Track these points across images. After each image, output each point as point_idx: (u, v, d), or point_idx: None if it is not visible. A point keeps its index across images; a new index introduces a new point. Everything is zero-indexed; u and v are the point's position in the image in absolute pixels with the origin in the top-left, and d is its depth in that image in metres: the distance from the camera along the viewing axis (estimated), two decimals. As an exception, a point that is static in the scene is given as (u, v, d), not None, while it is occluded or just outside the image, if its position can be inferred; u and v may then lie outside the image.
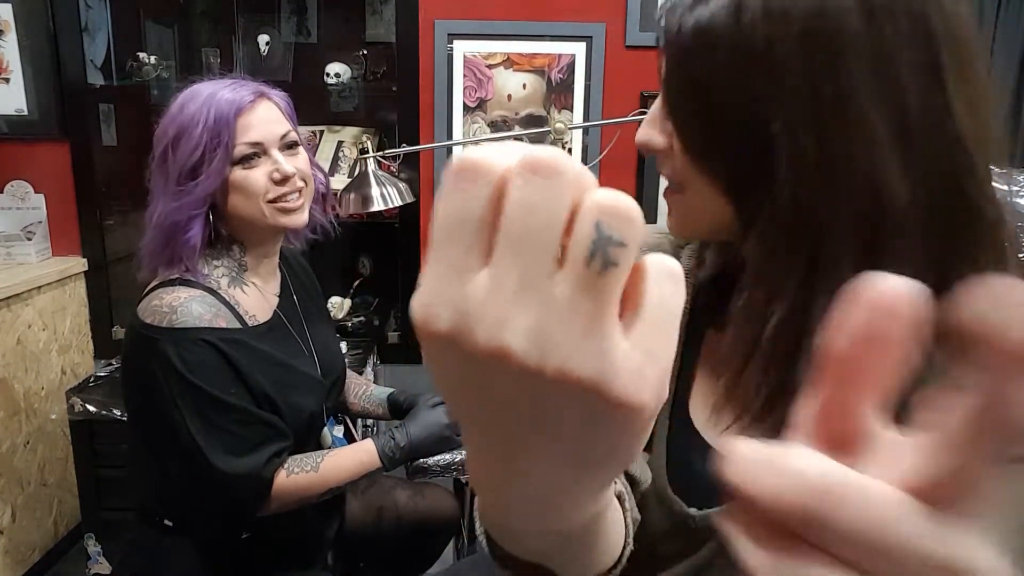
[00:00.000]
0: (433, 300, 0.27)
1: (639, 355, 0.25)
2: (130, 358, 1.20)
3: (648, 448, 0.76)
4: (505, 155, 0.26)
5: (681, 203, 0.63)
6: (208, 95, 1.18)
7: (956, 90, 0.52)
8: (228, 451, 1.14)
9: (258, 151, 1.20)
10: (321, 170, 1.38)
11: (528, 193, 0.25)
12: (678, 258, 0.74)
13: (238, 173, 1.19)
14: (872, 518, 0.22)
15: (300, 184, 1.25)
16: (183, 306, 1.13)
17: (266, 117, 1.22)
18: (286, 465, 1.21)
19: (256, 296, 1.27)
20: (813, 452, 0.23)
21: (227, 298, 1.20)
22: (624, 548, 0.55)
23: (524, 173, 0.25)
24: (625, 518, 0.57)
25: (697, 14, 0.55)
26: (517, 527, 0.37)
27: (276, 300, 1.32)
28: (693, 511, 0.70)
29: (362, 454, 1.25)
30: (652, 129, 0.62)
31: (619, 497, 0.58)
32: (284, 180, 1.22)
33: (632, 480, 0.70)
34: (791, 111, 0.53)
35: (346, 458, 1.25)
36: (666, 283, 0.26)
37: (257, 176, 1.20)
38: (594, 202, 0.24)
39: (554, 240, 0.25)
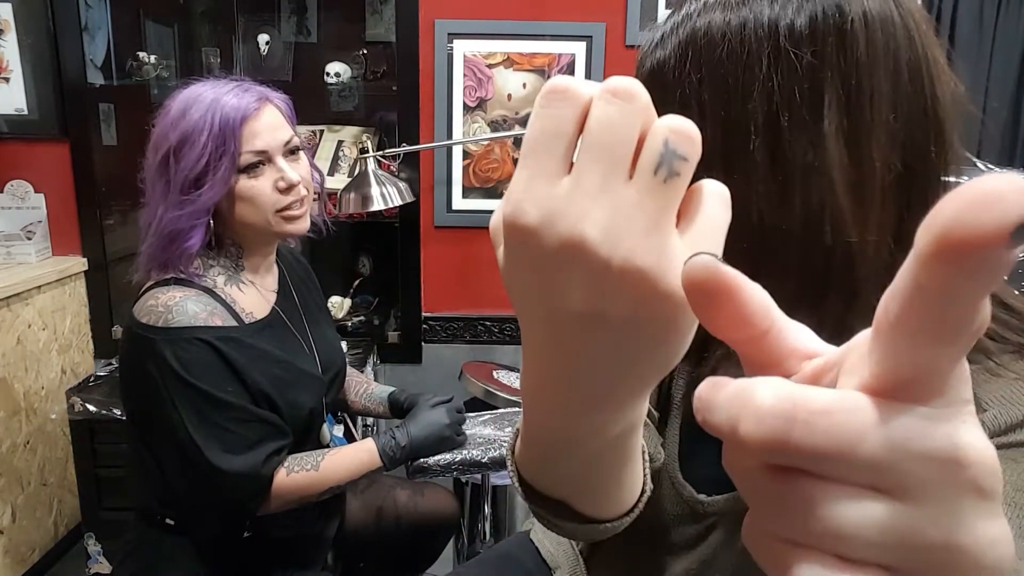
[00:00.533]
0: (523, 198, 0.30)
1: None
2: (127, 358, 1.20)
3: (661, 432, 0.78)
4: (589, 83, 0.31)
5: None
6: (212, 100, 1.16)
7: (834, 124, 0.54)
8: (226, 449, 1.13)
9: (263, 159, 1.20)
10: (318, 170, 1.38)
11: (608, 111, 0.29)
12: None
13: (244, 182, 1.18)
14: (846, 433, 0.22)
15: (303, 192, 1.25)
16: (178, 305, 1.13)
17: (270, 123, 1.21)
18: (286, 464, 1.20)
19: (253, 293, 1.27)
20: (776, 380, 0.24)
21: (223, 296, 1.20)
22: (641, 496, 0.59)
23: (605, 95, 0.30)
24: (644, 469, 0.61)
25: (653, 57, 0.62)
26: (568, 431, 0.40)
27: (274, 297, 1.32)
28: (703, 497, 0.73)
29: (363, 453, 1.25)
30: None
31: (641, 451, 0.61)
32: (289, 188, 1.22)
33: (647, 456, 0.72)
34: (704, 151, 0.57)
35: (347, 457, 1.25)
36: (716, 201, 0.31)
37: (263, 186, 1.20)
38: (664, 122, 0.29)
39: (628, 151, 0.29)
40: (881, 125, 0.55)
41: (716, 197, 0.32)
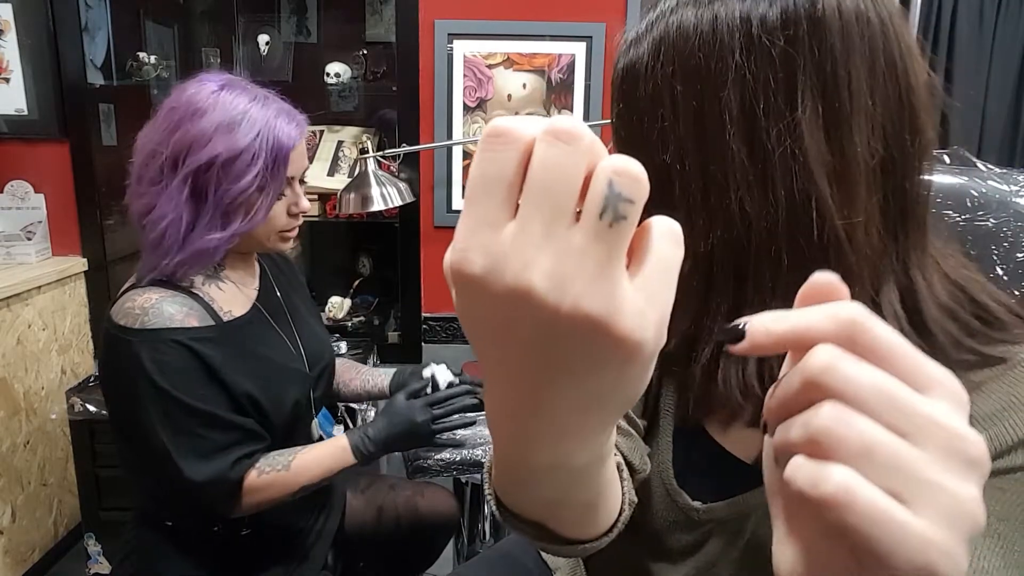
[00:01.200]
0: (467, 247, 0.30)
1: (642, 299, 0.30)
2: (105, 361, 1.20)
3: (649, 442, 0.77)
4: (531, 124, 0.30)
5: None
6: (264, 123, 1.15)
7: (810, 112, 0.54)
8: (196, 455, 1.12)
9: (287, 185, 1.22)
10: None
11: (550, 154, 0.29)
12: None
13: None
14: (899, 343, 0.31)
15: (302, 219, 1.28)
16: (154, 307, 1.12)
17: (302, 151, 1.23)
18: (257, 465, 1.19)
19: (233, 291, 1.26)
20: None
21: (201, 295, 1.19)
22: (619, 515, 0.59)
23: (547, 138, 0.29)
24: (623, 487, 0.61)
25: (627, 56, 0.62)
26: (531, 463, 0.40)
27: (255, 294, 1.31)
28: (698, 504, 0.72)
29: (335, 449, 1.24)
30: None
31: (618, 468, 0.62)
32: (298, 215, 1.26)
33: (632, 468, 0.72)
34: (679, 144, 0.58)
35: (319, 454, 1.23)
36: (667, 241, 0.31)
37: (280, 210, 1.22)
38: (607, 164, 0.29)
39: (572, 195, 0.29)
40: (860, 111, 0.55)
41: (667, 235, 0.31)
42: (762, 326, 0.33)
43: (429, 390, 1.42)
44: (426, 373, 1.49)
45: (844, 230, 0.55)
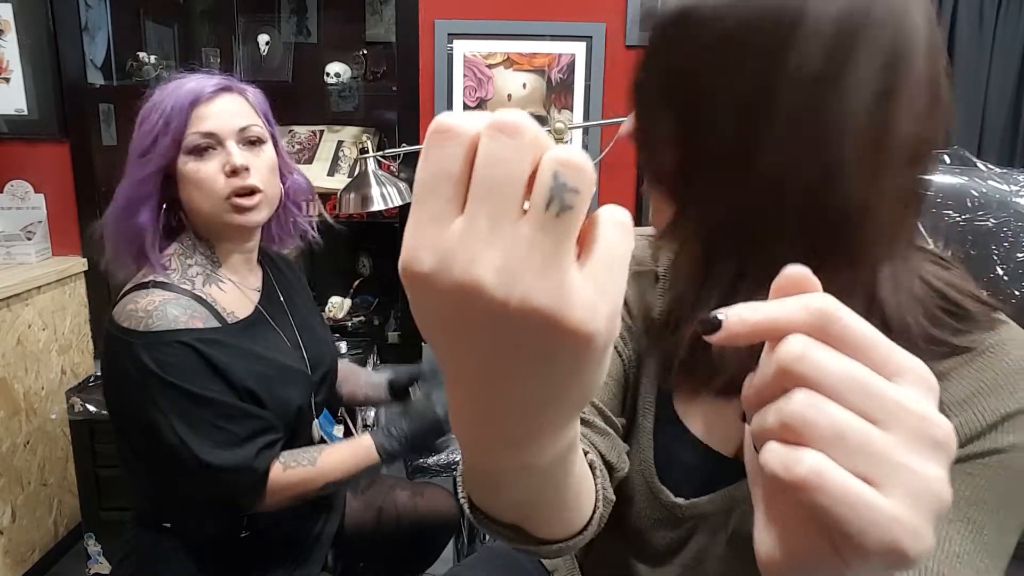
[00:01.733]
0: (416, 245, 0.30)
1: (591, 291, 0.30)
2: (108, 363, 1.19)
3: (628, 440, 0.77)
4: (475, 119, 0.30)
5: (654, 197, 0.66)
6: (174, 85, 1.20)
7: (872, 83, 0.55)
8: (216, 446, 1.12)
9: (211, 143, 1.19)
10: (301, 174, 1.37)
11: (495, 149, 0.29)
12: (656, 257, 0.78)
13: (191, 164, 1.18)
14: (869, 332, 0.33)
15: (253, 182, 1.20)
16: (158, 310, 1.12)
17: (226, 109, 1.21)
18: (282, 459, 1.19)
19: (234, 292, 1.26)
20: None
21: (204, 297, 1.19)
22: (594, 513, 0.59)
23: (491, 132, 0.29)
24: (596, 486, 0.61)
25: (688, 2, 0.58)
26: (496, 465, 0.41)
27: (257, 296, 1.31)
28: (680, 500, 0.73)
29: (360, 449, 1.24)
30: None
31: (591, 466, 0.62)
32: (234, 173, 1.19)
33: (610, 467, 0.72)
34: (727, 96, 0.57)
35: (344, 453, 1.24)
36: (615, 230, 0.31)
37: (209, 169, 1.19)
38: (552, 156, 0.29)
39: (518, 189, 0.29)
40: (916, 86, 0.56)
41: (615, 225, 0.31)
42: (737, 316, 0.34)
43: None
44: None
45: (874, 200, 0.56)
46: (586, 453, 0.64)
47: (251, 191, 1.20)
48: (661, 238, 0.70)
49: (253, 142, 1.23)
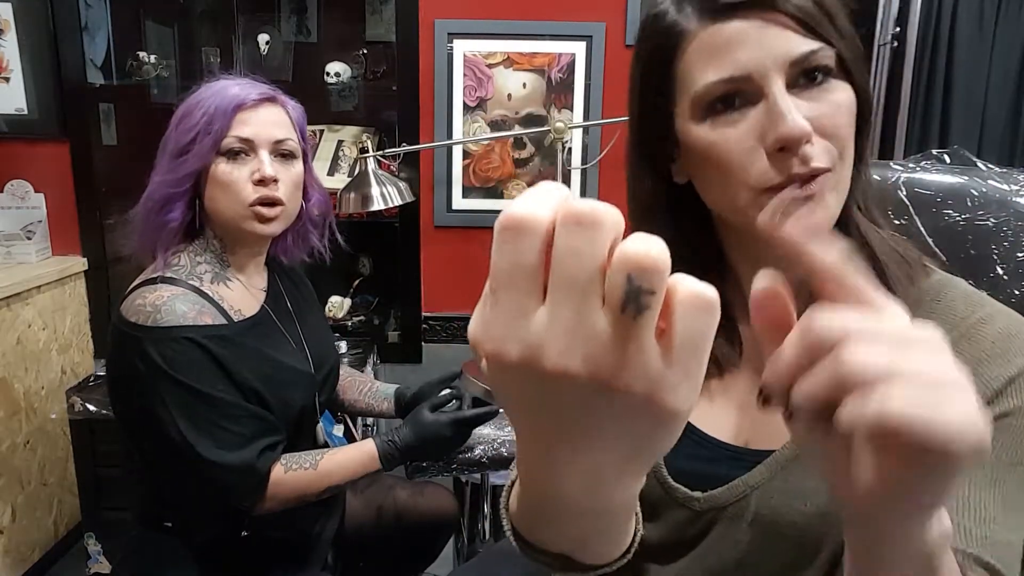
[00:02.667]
0: (502, 336, 0.31)
1: (680, 374, 0.31)
2: (114, 358, 1.19)
3: None
4: (545, 205, 0.31)
5: (832, 182, 0.64)
6: (221, 86, 1.21)
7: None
8: (219, 446, 1.13)
9: (247, 148, 1.19)
10: (324, 194, 1.39)
11: (573, 242, 0.30)
12: None
13: (223, 166, 1.19)
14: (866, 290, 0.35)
15: (278, 195, 1.21)
16: (166, 305, 1.13)
17: (267, 119, 1.22)
18: (283, 461, 1.20)
19: (241, 291, 1.26)
20: None
21: (211, 294, 1.19)
22: (635, 534, 0.61)
23: (568, 224, 0.30)
24: (637, 509, 0.63)
25: None
26: (565, 508, 0.42)
27: (263, 296, 1.31)
28: (697, 494, 0.73)
29: (363, 455, 1.25)
30: (800, 118, 0.62)
31: None
32: (262, 182, 1.20)
33: None
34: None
35: (346, 457, 1.24)
36: (695, 313, 0.31)
37: (240, 175, 1.19)
38: (624, 256, 0.29)
39: (597, 280, 0.30)
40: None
41: (697, 308, 0.31)
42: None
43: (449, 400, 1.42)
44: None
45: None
46: None
47: (274, 202, 1.22)
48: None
49: (285, 155, 1.25)
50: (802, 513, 0.68)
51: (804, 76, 0.63)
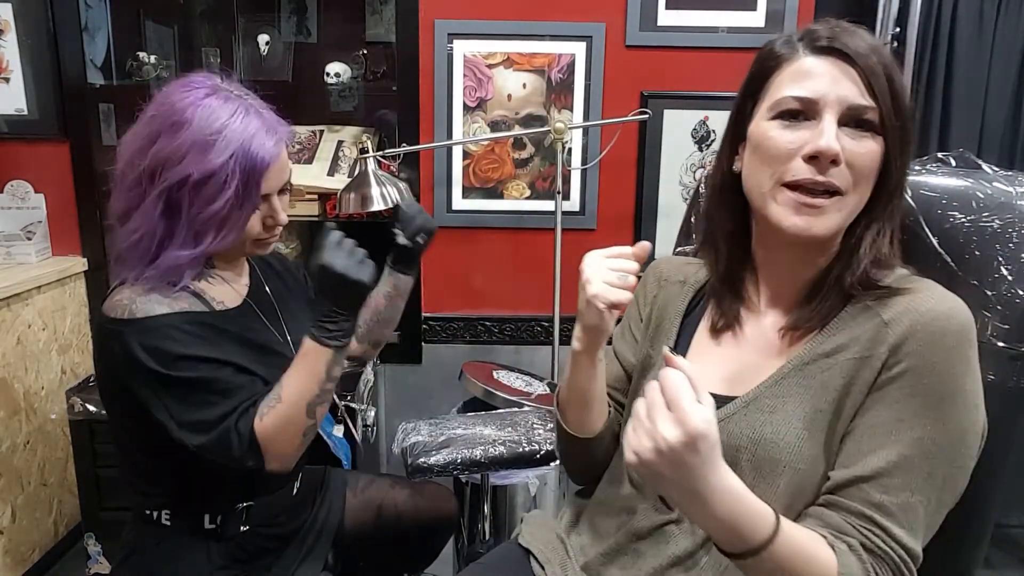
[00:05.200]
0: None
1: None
2: (99, 356, 1.20)
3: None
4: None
5: (841, 204, 0.83)
6: (240, 141, 1.12)
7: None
8: (197, 430, 1.11)
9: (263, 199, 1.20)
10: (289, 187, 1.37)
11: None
12: (706, 280, 1.05)
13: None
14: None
15: (280, 227, 1.26)
16: (142, 296, 1.13)
17: (281, 165, 1.20)
18: (258, 410, 1.14)
19: (223, 285, 1.26)
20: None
21: (192, 288, 1.19)
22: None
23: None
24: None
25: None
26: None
27: (245, 289, 1.31)
28: None
29: (304, 356, 1.17)
30: (839, 142, 0.81)
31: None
32: (274, 227, 1.23)
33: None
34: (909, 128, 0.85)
35: (295, 369, 1.17)
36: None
37: (254, 221, 1.19)
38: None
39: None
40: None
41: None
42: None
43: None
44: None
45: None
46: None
47: (275, 228, 1.25)
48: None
49: (284, 189, 1.25)
50: (753, 441, 0.87)
51: (853, 120, 0.82)
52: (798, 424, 0.85)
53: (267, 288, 1.36)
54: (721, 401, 0.89)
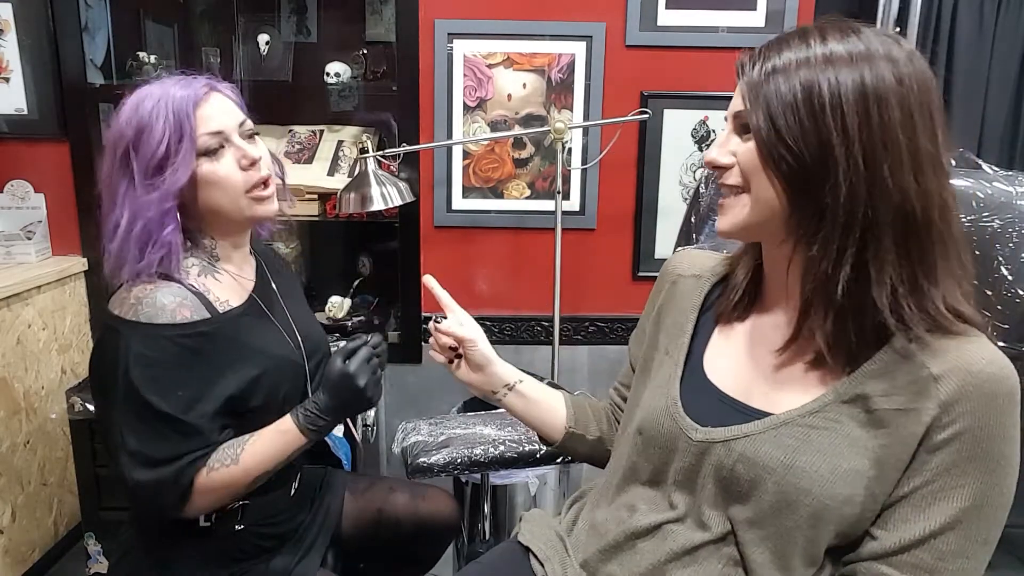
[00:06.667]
0: None
1: None
2: (95, 348, 1.19)
3: (655, 385, 1.03)
4: None
5: (740, 201, 0.87)
6: (162, 93, 1.18)
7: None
8: (144, 463, 1.12)
9: (221, 141, 1.19)
10: (276, 160, 1.35)
11: None
12: (726, 273, 1.05)
13: (207, 166, 1.18)
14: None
15: (267, 172, 1.23)
16: (149, 296, 1.12)
17: (222, 108, 1.21)
18: (209, 461, 1.17)
19: (229, 282, 1.26)
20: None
21: (197, 286, 1.19)
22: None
23: None
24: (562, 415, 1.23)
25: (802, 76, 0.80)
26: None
27: (251, 284, 1.31)
28: (696, 426, 0.93)
29: (281, 435, 1.20)
30: (721, 150, 0.88)
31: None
32: (252, 164, 1.21)
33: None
34: (852, 149, 0.78)
35: (266, 442, 1.20)
36: None
37: (228, 166, 1.19)
38: None
39: None
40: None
41: None
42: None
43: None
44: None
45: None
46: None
47: (266, 182, 1.23)
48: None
49: (251, 136, 1.24)
50: (785, 466, 0.84)
51: (741, 127, 0.86)
52: (834, 460, 0.83)
53: (272, 282, 1.36)
54: (739, 408, 0.92)
